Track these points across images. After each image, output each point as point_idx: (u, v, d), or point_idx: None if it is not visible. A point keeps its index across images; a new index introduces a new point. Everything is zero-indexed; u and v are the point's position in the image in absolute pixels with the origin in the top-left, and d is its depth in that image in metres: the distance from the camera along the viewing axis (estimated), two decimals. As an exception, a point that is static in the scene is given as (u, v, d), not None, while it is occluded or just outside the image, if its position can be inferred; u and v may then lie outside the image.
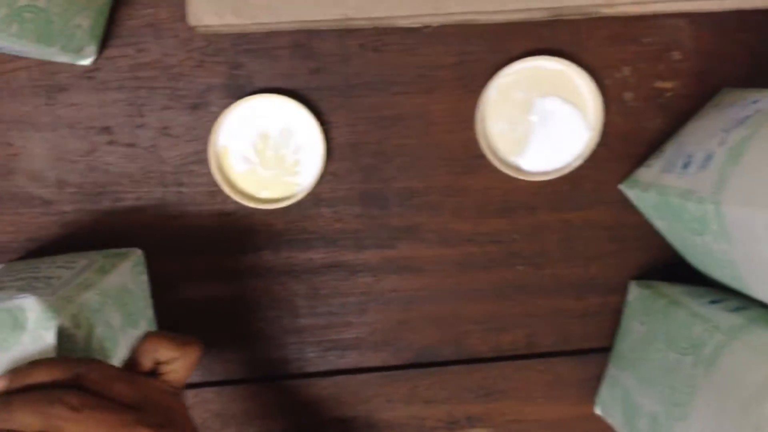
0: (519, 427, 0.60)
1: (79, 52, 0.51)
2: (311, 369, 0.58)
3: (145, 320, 0.53)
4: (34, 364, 0.39)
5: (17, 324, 0.41)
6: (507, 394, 0.59)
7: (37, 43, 0.45)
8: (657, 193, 0.49)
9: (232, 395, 0.59)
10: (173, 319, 0.56)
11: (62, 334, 0.41)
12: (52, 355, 0.40)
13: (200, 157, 0.55)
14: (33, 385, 0.37)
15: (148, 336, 0.43)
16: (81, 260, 0.50)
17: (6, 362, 0.40)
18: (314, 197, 0.55)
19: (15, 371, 0.39)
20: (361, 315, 0.58)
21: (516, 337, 0.59)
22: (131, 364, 0.42)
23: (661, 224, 0.53)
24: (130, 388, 0.38)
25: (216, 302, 0.57)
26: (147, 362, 0.42)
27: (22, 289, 0.43)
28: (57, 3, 0.44)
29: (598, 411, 0.59)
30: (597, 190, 0.56)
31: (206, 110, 0.54)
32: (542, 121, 0.54)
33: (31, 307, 0.41)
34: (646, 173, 0.53)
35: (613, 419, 0.55)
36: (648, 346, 0.50)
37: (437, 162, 0.56)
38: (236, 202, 0.54)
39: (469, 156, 0.56)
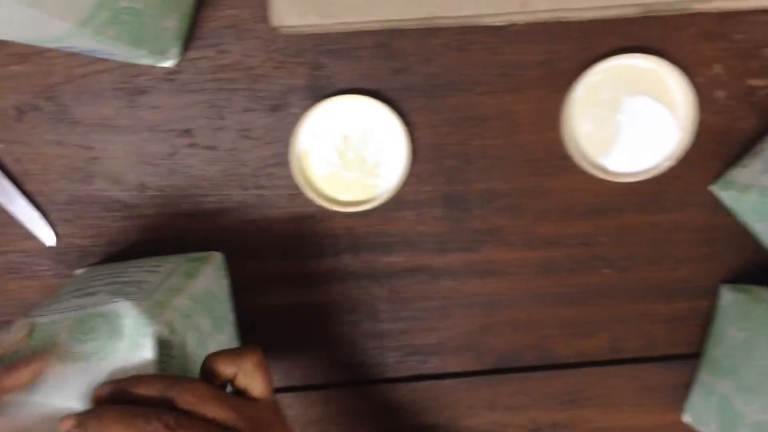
0: (605, 434, 0.58)
1: (164, 54, 0.50)
2: (391, 374, 0.58)
3: (230, 325, 0.52)
4: (133, 379, 0.38)
5: (114, 330, 0.40)
6: (592, 400, 0.58)
7: (130, 45, 0.44)
8: (759, 195, 0.48)
9: (311, 400, 0.58)
10: (253, 323, 0.56)
11: (160, 341, 0.41)
12: (151, 362, 0.40)
13: (280, 160, 0.54)
14: (127, 399, 0.37)
15: (204, 362, 0.41)
16: (166, 264, 0.49)
17: (104, 370, 0.40)
18: (396, 200, 0.54)
19: (115, 384, 0.38)
20: (443, 319, 0.57)
21: (600, 342, 0.57)
22: None
23: (760, 226, 0.51)
24: (224, 408, 0.37)
25: (295, 306, 0.56)
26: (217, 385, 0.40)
27: (114, 294, 0.43)
28: (151, 5, 0.44)
29: (687, 419, 0.57)
30: (687, 191, 0.55)
31: (287, 112, 0.53)
32: (631, 120, 0.53)
33: (126, 313, 0.40)
34: (743, 174, 0.51)
35: (707, 428, 0.53)
36: (750, 352, 0.48)
37: (521, 163, 0.54)
38: (317, 205, 0.53)
39: (554, 157, 0.54)
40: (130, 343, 0.40)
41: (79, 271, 0.53)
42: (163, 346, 0.41)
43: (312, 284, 0.56)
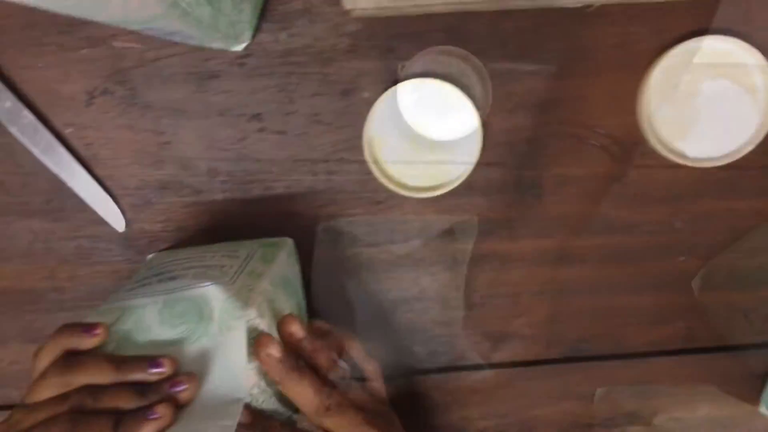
0: (679, 425, 0.57)
1: (237, 37, 0.50)
2: (461, 362, 0.57)
3: (303, 311, 0.52)
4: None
5: (203, 314, 0.40)
6: (666, 390, 0.57)
7: (209, 27, 0.44)
8: None
9: (377, 388, 0.57)
10: (318, 309, 0.55)
11: (249, 325, 0.40)
12: (242, 345, 0.39)
13: (351, 145, 0.53)
14: None
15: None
16: (242, 249, 0.49)
17: (195, 353, 0.39)
18: (467, 185, 0.53)
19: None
20: (514, 307, 0.56)
21: (675, 331, 0.56)
22: None
23: None
24: None
25: (364, 293, 0.56)
26: None
27: (198, 278, 0.43)
28: (233, -14, 0.43)
29: (763, 410, 0.56)
30: (767, 177, 0.53)
31: (358, 96, 0.53)
32: (710, 104, 0.52)
33: (215, 297, 0.40)
34: (829, 158, 0.50)
35: (786, 419, 0.52)
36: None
37: (595, 148, 0.53)
38: (387, 191, 0.53)
39: (630, 141, 0.53)
40: (221, 327, 0.39)
41: (151, 256, 0.53)
42: (252, 330, 0.40)
43: (381, 270, 0.55)
